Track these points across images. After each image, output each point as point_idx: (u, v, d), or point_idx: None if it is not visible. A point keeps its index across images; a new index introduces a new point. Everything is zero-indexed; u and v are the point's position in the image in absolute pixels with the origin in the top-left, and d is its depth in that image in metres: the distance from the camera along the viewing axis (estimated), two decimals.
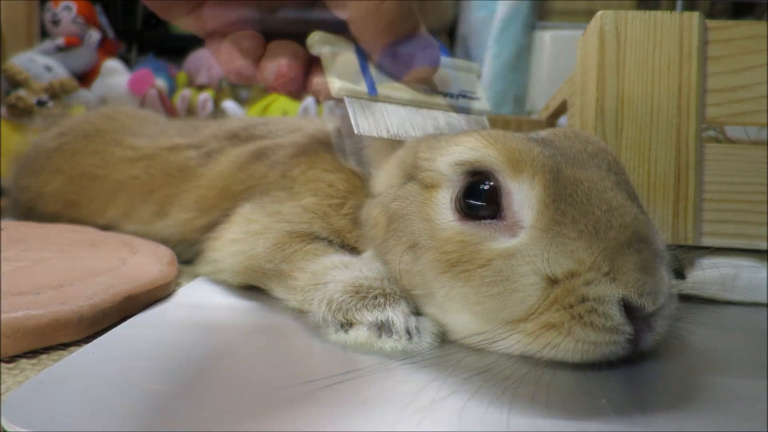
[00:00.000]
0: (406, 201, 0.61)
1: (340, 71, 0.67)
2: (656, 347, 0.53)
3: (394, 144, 0.68)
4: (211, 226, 0.82)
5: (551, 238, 0.51)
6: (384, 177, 0.68)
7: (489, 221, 0.54)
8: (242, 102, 2.31)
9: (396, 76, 0.70)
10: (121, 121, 1.17)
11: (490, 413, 0.43)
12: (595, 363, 0.50)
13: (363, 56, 0.70)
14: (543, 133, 0.61)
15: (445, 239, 0.55)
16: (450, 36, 2.25)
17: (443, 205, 0.57)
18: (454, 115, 0.74)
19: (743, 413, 0.44)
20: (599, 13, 0.76)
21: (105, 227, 1.01)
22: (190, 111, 2.24)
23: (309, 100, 1.96)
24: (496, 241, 0.53)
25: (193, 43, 2.68)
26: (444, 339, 0.57)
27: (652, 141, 0.74)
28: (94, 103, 2.05)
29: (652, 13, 0.75)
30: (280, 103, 2.22)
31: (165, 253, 0.83)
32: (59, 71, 2.07)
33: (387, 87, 0.69)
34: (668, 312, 0.52)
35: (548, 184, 0.52)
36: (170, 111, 2.15)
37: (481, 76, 0.81)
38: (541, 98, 1.78)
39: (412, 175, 0.63)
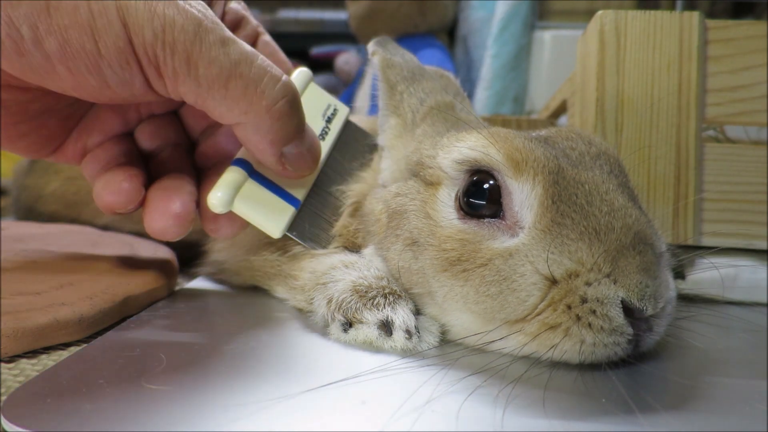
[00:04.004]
0: (408, 198, 0.61)
1: (264, 213, 0.62)
2: (656, 347, 0.53)
3: (406, 126, 0.69)
4: None
5: (552, 238, 0.51)
6: (391, 166, 0.69)
7: (490, 220, 0.55)
8: None
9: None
10: None
11: (488, 413, 0.43)
12: (595, 363, 0.50)
13: (250, 169, 0.63)
14: (545, 133, 0.61)
15: (445, 237, 0.55)
16: (450, 36, 2.26)
17: (444, 202, 0.58)
18: None
19: (743, 413, 0.44)
20: (599, 13, 0.76)
21: (105, 228, 1.01)
22: None
23: None
24: (497, 241, 0.53)
25: None
26: (444, 338, 0.57)
27: (652, 141, 0.74)
28: None
29: (652, 13, 0.75)
30: None
31: (165, 253, 0.84)
32: None
33: (292, 183, 0.65)
34: (668, 313, 0.52)
35: (549, 184, 0.52)
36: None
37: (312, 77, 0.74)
38: (540, 98, 1.79)
39: (415, 171, 0.63)
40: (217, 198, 0.59)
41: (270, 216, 0.62)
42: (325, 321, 0.59)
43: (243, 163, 0.62)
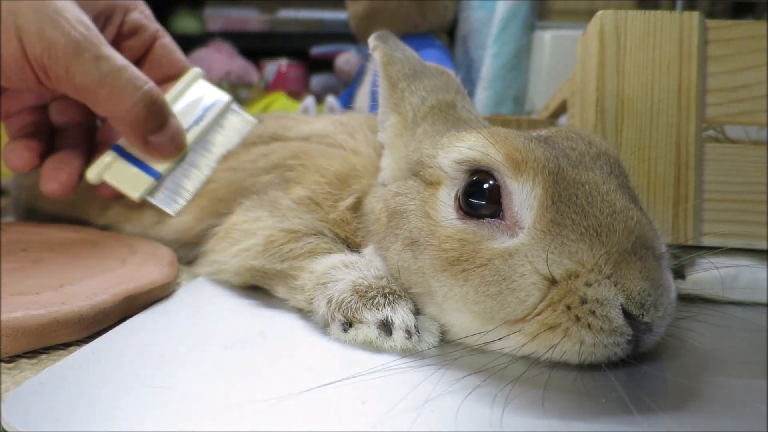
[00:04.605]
0: (407, 197, 0.61)
1: (127, 182, 0.83)
2: (656, 347, 0.53)
3: (407, 125, 0.69)
4: (209, 230, 0.83)
5: (551, 238, 0.51)
6: (391, 165, 0.69)
7: (489, 220, 0.55)
8: (242, 102, 2.31)
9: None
10: None
11: (487, 413, 0.43)
12: (594, 363, 0.50)
13: (124, 150, 0.85)
14: (546, 133, 0.61)
15: (445, 237, 0.55)
16: (450, 36, 2.25)
17: (444, 202, 0.58)
18: None
19: (743, 413, 0.44)
20: (599, 13, 0.76)
21: (105, 228, 1.01)
22: None
23: (309, 100, 1.96)
24: (496, 241, 0.53)
25: (192, 43, 2.68)
26: (443, 338, 0.57)
27: (652, 141, 0.74)
28: None
29: (652, 13, 0.75)
30: (280, 103, 2.22)
31: (165, 253, 0.83)
32: None
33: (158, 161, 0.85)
34: (668, 313, 0.52)
35: (549, 184, 0.52)
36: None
37: (203, 74, 0.95)
38: (540, 98, 1.78)
39: (415, 171, 0.63)
40: (90, 173, 0.83)
41: (131, 185, 0.83)
42: (325, 321, 0.59)
43: (118, 147, 0.84)
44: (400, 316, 0.56)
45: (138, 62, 0.87)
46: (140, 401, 0.43)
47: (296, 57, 2.73)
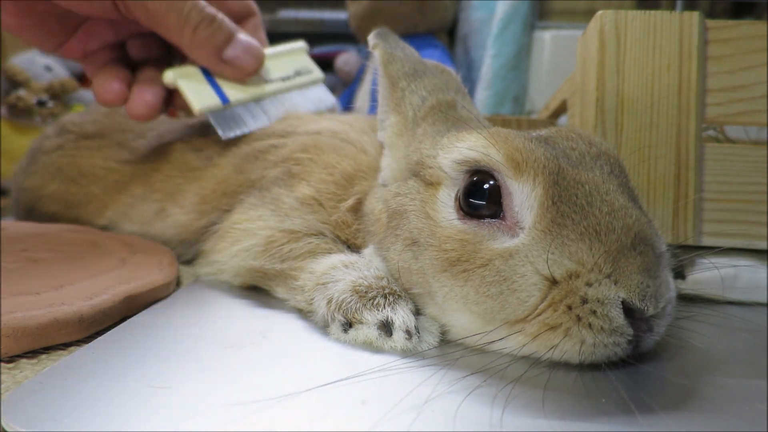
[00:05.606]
0: (408, 198, 0.61)
1: (195, 93, 0.91)
2: (656, 347, 0.53)
3: (407, 124, 0.69)
4: (210, 227, 0.82)
5: (552, 239, 0.51)
6: (391, 165, 0.69)
7: (490, 220, 0.54)
8: None
9: (234, 79, 0.95)
10: (122, 121, 1.17)
11: (487, 413, 0.43)
12: (594, 363, 0.50)
13: (207, 73, 0.93)
14: (546, 133, 0.61)
15: (445, 237, 0.55)
16: (450, 36, 2.25)
17: (445, 203, 0.58)
18: (304, 92, 1.02)
19: (743, 413, 0.44)
20: (599, 13, 0.76)
21: (105, 228, 1.01)
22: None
23: None
24: (497, 241, 0.53)
25: None
26: (444, 339, 0.57)
27: (652, 140, 0.74)
28: (94, 104, 2.05)
29: (652, 13, 0.75)
30: None
31: (165, 253, 0.83)
32: (59, 71, 2.07)
33: (233, 90, 0.93)
34: (668, 313, 0.52)
35: (550, 185, 0.52)
36: (171, 112, 2.14)
37: (308, 50, 1.08)
38: (540, 98, 1.78)
39: (415, 171, 0.63)
40: (169, 73, 0.92)
41: (198, 97, 0.90)
42: (325, 321, 0.59)
43: (202, 68, 0.93)
44: (401, 316, 0.56)
45: None
46: (140, 401, 0.43)
47: None
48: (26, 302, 0.59)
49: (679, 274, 0.72)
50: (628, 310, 0.49)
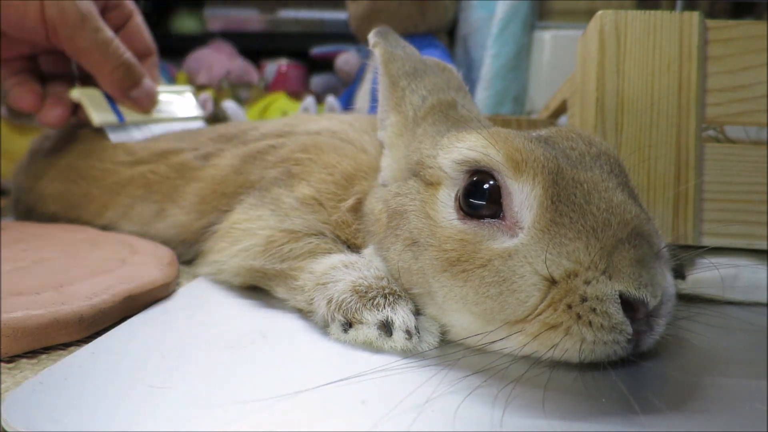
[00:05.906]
0: (408, 198, 0.61)
1: (97, 111, 1.10)
2: (656, 347, 0.53)
3: (407, 124, 0.69)
4: (210, 227, 0.82)
5: (550, 238, 0.51)
6: (391, 164, 0.69)
7: (490, 220, 0.54)
8: (242, 102, 2.31)
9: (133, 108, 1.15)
10: None
11: (487, 413, 0.43)
12: (594, 362, 0.50)
13: (109, 97, 1.13)
14: (546, 133, 0.61)
15: (445, 237, 0.55)
16: (450, 36, 2.25)
17: (444, 203, 0.58)
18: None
19: (743, 413, 0.44)
20: (599, 13, 0.76)
21: (104, 228, 1.01)
22: None
23: (309, 100, 1.96)
24: (496, 241, 0.53)
25: (192, 43, 2.68)
26: (444, 339, 0.57)
27: (652, 140, 0.74)
28: None
29: (652, 13, 0.75)
30: (280, 103, 2.22)
31: (165, 254, 0.83)
32: None
33: (128, 112, 1.15)
34: (668, 312, 0.52)
35: (549, 185, 0.52)
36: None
37: (194, 92, 1.39)
38: (540, 98, 1.78)
39: (415, 171, 0.63)
40: (75, 91, 1.11)
41: (98, 113, 1.10)
42: (325, 321, 0.59)
43: (105, 92, 1.13)
44: (401, 316, 0.56)
45: (116, 33, 1.10)
46: (140, 401, 0.43)
47: (296, 57, 2.73)
48: (26, 302, 0.59)
49: (679, 274, 0.72)
50: (628, 306, 0.49)
